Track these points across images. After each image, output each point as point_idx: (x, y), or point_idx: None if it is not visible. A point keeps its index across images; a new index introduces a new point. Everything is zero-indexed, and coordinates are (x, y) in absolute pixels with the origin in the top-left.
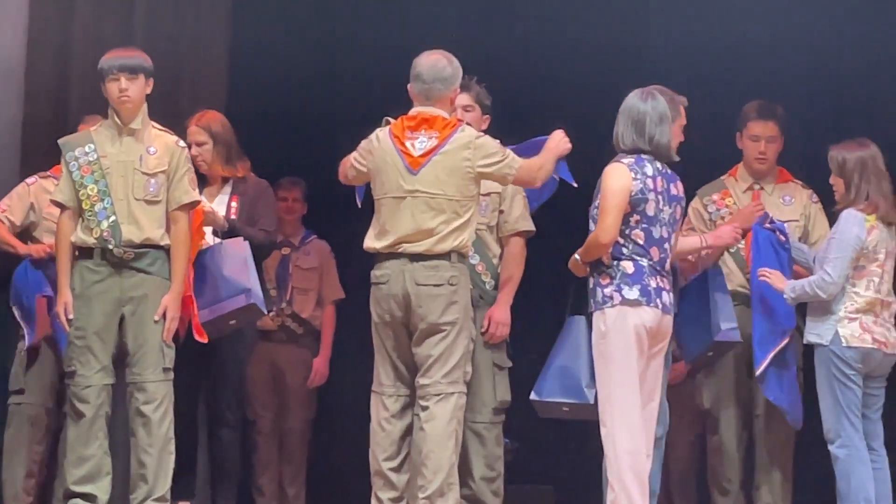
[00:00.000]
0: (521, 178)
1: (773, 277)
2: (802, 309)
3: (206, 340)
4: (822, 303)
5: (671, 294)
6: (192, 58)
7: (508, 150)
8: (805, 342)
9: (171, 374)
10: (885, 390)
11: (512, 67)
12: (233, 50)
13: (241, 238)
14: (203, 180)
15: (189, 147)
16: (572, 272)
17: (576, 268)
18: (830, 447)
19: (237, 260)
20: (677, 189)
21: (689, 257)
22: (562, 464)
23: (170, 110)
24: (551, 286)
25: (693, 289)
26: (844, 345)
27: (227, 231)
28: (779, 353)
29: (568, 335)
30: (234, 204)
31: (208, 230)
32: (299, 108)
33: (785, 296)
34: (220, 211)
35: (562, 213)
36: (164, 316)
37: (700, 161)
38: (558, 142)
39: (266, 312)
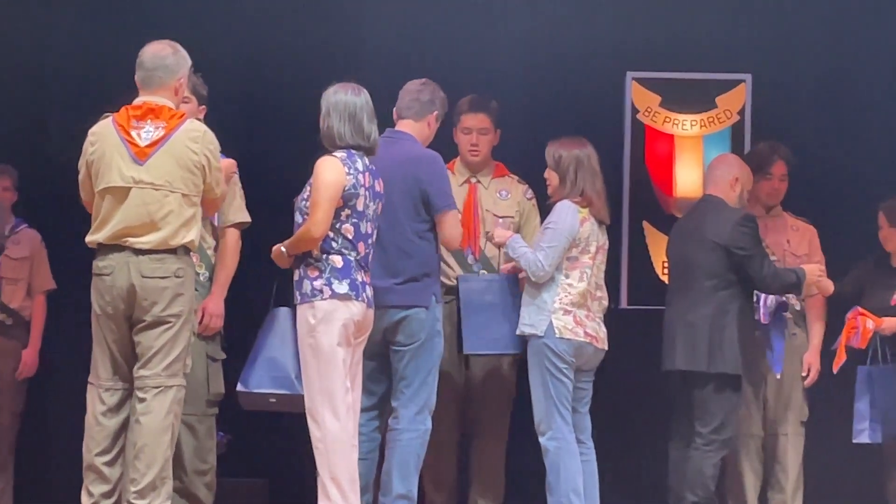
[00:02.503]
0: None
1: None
2: None
3: None
4: (536, 294)
5: (371, 288)
6: None
7: None
8: (518, 332)
9: None
10: (592, 384)
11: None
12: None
13: None
14: None
15: None
16: (276, 264)
17: (280, 259)
18: (541, 439)
19: None
20: (380, 186)
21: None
22: (276, 457)
23: None
24: (267, 278)
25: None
26: (558, 336)
27: None
28: None
29: (273, 326)
30: None
31: None
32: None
33: (506, 248)
34: None
35: (272, 205)
36: None
37: None
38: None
39: None
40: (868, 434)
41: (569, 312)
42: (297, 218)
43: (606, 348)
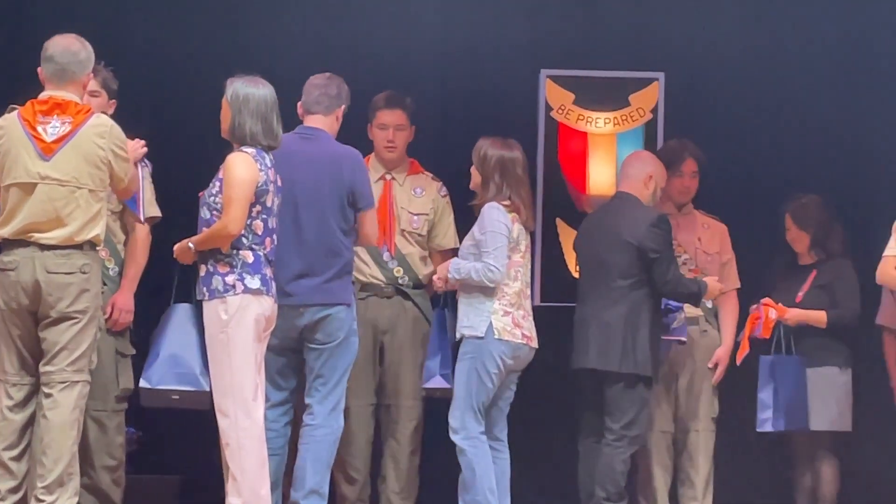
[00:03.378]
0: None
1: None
2: None
3: None
4: (476, 296)
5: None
6: None
7: None
8: (458, 335)
9: None
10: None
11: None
12: None
13: None
14: None
15: None
16: (178, 259)
17: (184, 255)
18: (455, 437)
19: None
20: (280, 181)
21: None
22: (187, 453)
23: None
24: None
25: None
26: (497, 338)
27: None
28: None
29: (173, 322)
30: None
31: None
32: None
33: (449, 275)
34: None
35: (178, 199)
36: None
37: None
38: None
39: None
40: (771, 423)
41: (508, 314)
42: (204, 213)
43: (536, 347)
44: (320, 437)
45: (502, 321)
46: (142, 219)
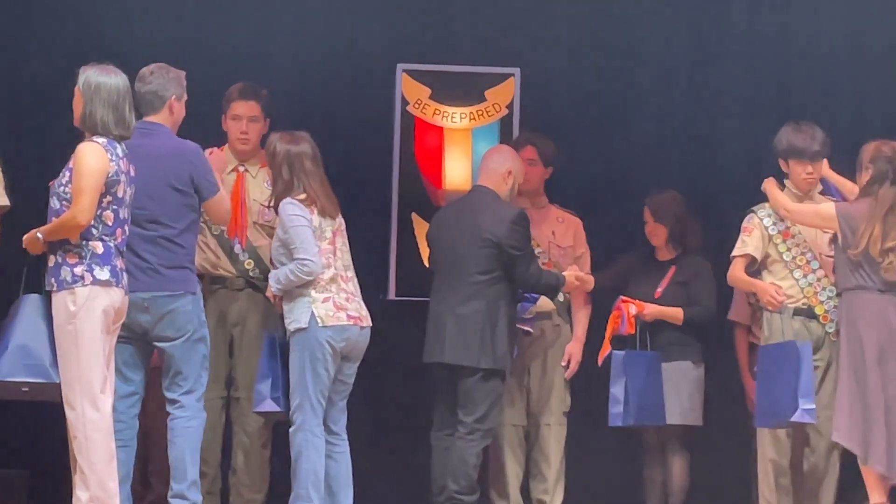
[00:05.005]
0: None
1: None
2: None
3: None
4: (293, 290)
5: (126, 274)
6: None
7: None
8: (288, 331)
9: None
10: (355, 377)
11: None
12: None
13: None
14: None
15: None
16: (27, 249)
17: (33, 245)
18: (291, 429)
19: None
20: (134, 171)
21: None
22: (37, 447)
23: None
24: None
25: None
26: (321, 325)
27: None
28: None
29: (23, 313)
30: None
31: None
32: None
33: (272, 289)
34: None
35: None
36: None
37: None
38: None
39: None
40: (622, 417)
41: (328, 299)
42: (54, 203)
43: (369, 326)
44: (196, 428)
45: (323, 308)
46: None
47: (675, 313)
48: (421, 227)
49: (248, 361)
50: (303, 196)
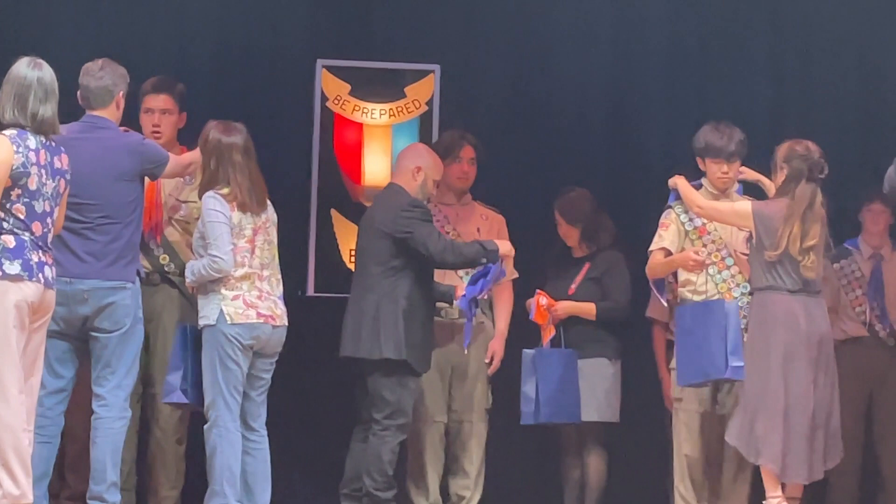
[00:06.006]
0: None
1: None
2: None
3: None
4: (205, 286)
5: (53, 268)
6: None
7: None
8: (199, 326)
9: None
10: (273, 371)
11: None
12: None
13: None
14: None
15: None
16: None
17: None
18: (206, 426)
19: None
20: (61, 162)
21: None
22: None
23: None
24: None
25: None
26: (229, 322)
27: None
28: None
29: None
30: None
31: None
32: None
33: (188, 281)
34: None
35: None
36: None
37: None
38: None
39: None
40: (532, 416)
41: (238, 297)
42: None
43: (286, 324)
44: (119, 429)
45: (232, 305)
46: None
47: (588, 309)
48: (340, 223)
49: (164, 357)
50: (226, 190)
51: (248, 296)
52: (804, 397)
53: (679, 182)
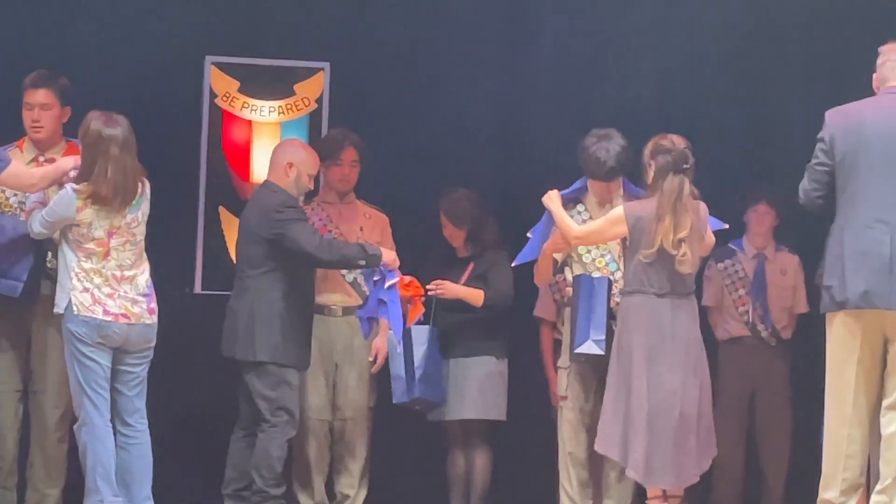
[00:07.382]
0: None
1: None
2: None
3: None
4: (62, 273)
5: None
6: None
7: None
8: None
9: None
10: (146, 366)
11: None
12: None
13: None
14: None
15: None
16: None
17: None
18: (75, 426)
19: None
20: None
21: None
22: None
23: None
24: None
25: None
26: (76, 313)
27: None
28: None
29: None
30: None
31: None
32: None
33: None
34: None
35: None
36: None
37: None
38: None
39: None
40: (406, 394)
41: (87, 290)
42: None
43: (154, 322)
44: None
45: (81, 297)
46: None
47: (475, 294)
48: (228, 221)
49: (43, 354)
50: (84, 188)
51: (97, 291)
52: (669, 402)
53: (552, 207)
